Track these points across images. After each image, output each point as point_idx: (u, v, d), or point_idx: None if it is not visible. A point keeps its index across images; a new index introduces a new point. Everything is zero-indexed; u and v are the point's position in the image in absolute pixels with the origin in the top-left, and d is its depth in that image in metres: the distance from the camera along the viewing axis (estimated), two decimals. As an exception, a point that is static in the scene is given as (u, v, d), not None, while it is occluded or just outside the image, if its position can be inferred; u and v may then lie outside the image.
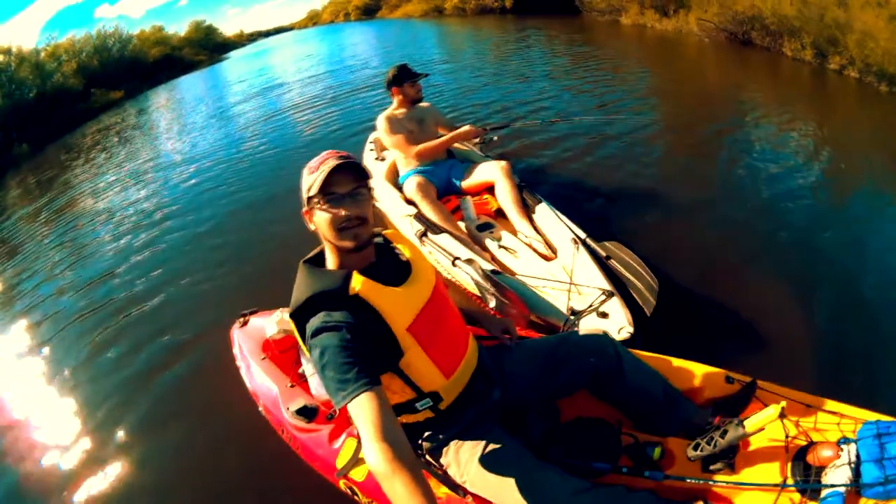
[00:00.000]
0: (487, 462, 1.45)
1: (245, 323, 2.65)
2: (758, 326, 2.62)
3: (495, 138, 3.60)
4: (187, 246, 4.97)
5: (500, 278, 2.57)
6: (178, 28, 31.04)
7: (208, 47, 29.73)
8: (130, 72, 23.43)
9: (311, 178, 1.33)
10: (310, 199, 1.34)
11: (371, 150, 4.41)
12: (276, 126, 8.77)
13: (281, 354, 2.41)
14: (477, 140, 3.61)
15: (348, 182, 1.33)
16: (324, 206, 1.31)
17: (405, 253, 1.51)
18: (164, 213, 6.04)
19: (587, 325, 2.20)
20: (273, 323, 2.38)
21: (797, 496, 1.43)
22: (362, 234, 1.35)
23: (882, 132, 5.47)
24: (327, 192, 1.31)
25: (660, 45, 11.10)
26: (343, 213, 1.30)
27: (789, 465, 1.50)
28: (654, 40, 11.54)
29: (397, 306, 1.34)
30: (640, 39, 11.88)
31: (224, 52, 30.28)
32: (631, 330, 2.13)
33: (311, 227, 1.39)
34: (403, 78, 3.49)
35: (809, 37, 7.85)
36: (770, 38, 8.98)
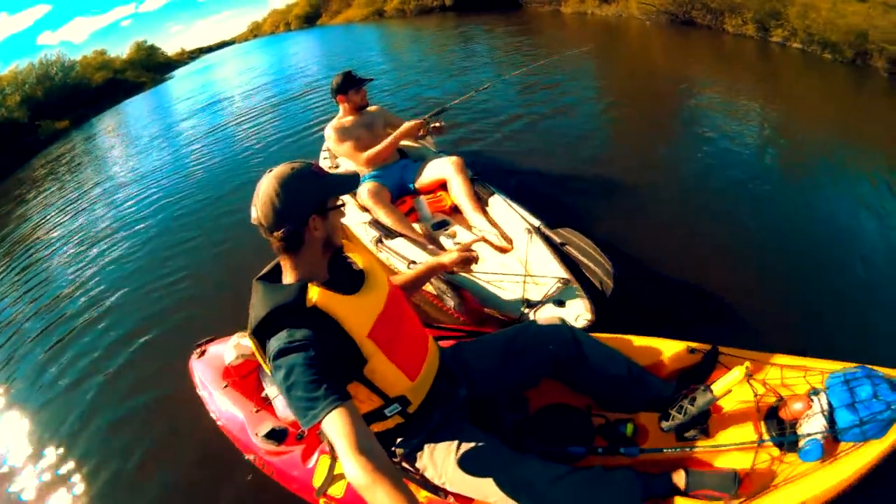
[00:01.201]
0: (464, 460, 1.45)
1: (202, 353, 2.57)
2: (713, 295, 2.66)
3: (439, 124, 3.55)
4: (137, 275, 4.74)
5: (454, 278, 2.55)
6: (121, 50, 30.21)
7: (151, 68, 29.12)
8: (75, 99, 22.80)
9: (327, 183, 1.35)
10: (327, 203, 1.35)
11: (325, 158, 4.34)
12: (222, 144, 8.53)
13: (242, 380, 2.35)
14: (424, 132, 3.57)
15: None
16: (340, 210, 1.38)
17: (358, 261, 1.50)
18: (112, 243, 5.76)
19: (545, 315, 2.18)
20: (231, 349, 2.29)
21: (776, 450, 1.46)
22: None
23: (828, 99, 5.65)
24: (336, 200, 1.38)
25: (602, 30, 11.24)
26: (341, 205, 1.39)
27: (763, 422, 1.53)
28: (596, 26, 11.70)
29: (355, 314, 1.32)
30: (582, 26, 12.03)
31: (167, 71, 29.72)
32: (589, 317, 2.12)
33: (315, 233, 1.32)
34: (348, 86, 3.42)
35: (751, 12, 8.06)
36: (711, 16, 9.18)
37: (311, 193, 1.31)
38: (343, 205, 1.38)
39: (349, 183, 1.43)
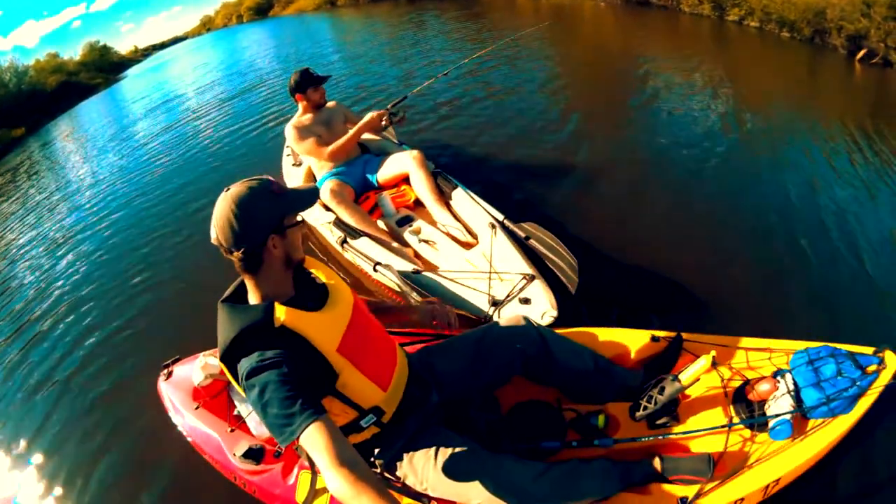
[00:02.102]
0: (444, 465, 1.44)
1: (169, 374, 2.50)
2: (674, 281, 2.68)
3: (400, 114, 3.51)
4: (96, 290, 4.54)
5: (419, 279, 2.54)
6: (74, 52, 29.22)
7: (105, 68, 28.19)
8: (30, 105, 22.03)
9: (284, 201, 1.32)
10: (284, 221, 1.32)
11: (288, 155, 4.28)
12: (180, 143, 8.24)
13: (213, 400, 2.30)
14: (387, 123, 3.53)
15: None
16: (299, 227, 1.37)
17: (320, 277, 1.48)
18: (71, 255, 5.50)
19: (510, 313, 2.18)
20: (198, 369, 2.25)
21: (747, 432, 1.50)
22: None
23: (787, 77, 5.72)
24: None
25: (556, 13, 11.15)
26: (300, 220, 1.37)
27: (731, 405, 1.57)
28: (550, 9, 11.63)
29: (323, 330, 1.31)
30: (536, 10, 11.96)
31: (121, 70, 28.80)
32: (554, 313, 2.12)
33: (274, 252, 1.30)
34: (306, 84, 3.37)
35: (707, -10, 8.10)
36: (667, -5, 9.22)
37: (267, 213, 1.28)
38: (302, 221, 1.37)
39: (307, 199, 1.39)
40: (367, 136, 3.63)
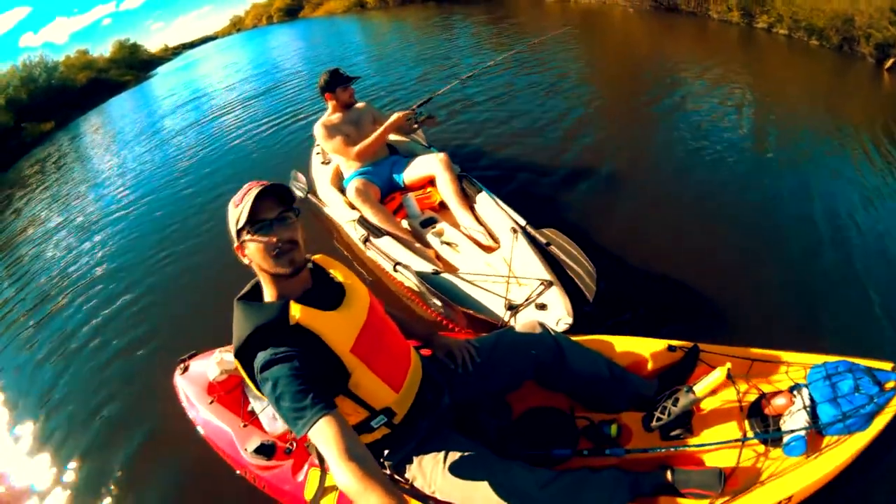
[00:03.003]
0: (452, 468, 1.45)
1: (186, 369, 2.55)
2: (693, 291, 2.66)
3: (426, 115, 3.55)
4: (118, 282, 4.64)
5: (438, 280, 2.55)
6: (103, 49, 29.80)
7: (134, 66, 28.71)
8: (59, 100, 22.47)
9: (238, 211, 1.29)
10: (239, 231, 1.30)
11: (317, 153, 4.34)
12: (207, 142, 8.35)
13: (228, 395, 2.34)
14: (413, 124, 3.56)
15: (274, 207, 1.30)
16: (255, 236, 1.28)
17: (337, 276, 1.48)
18: (94, 247, 5.67)
19: (526, 318, 2.16)
20: (214, 365, 2.29)
21: (760, 447, 1.48)
22: (297, 258, 1.32)
23: (815, 85, 5.64)
24: (255, 220, 1.28)
25: (584, 17, 11.15)
26: (274, 239, 1.28)
27: (746, 419, 1.55)
28: (579, 13, 11.61)
29: (337, 330, 1.32)
30: (565, 13, 11.92)
31: (150, 69, 29.29)
32: (570, 321, 2.12)
33: (245, 260, 1.34)
34: (336, 84, 3.43)
35: (735, -2, 8.03)
36: (695, 2, 9.16)
37: (230, 224, 1.33)
38: (262, 229, 1.28)
39: (243, 212, 1.27)
40: (395, 137, 3.68)
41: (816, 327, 2.36)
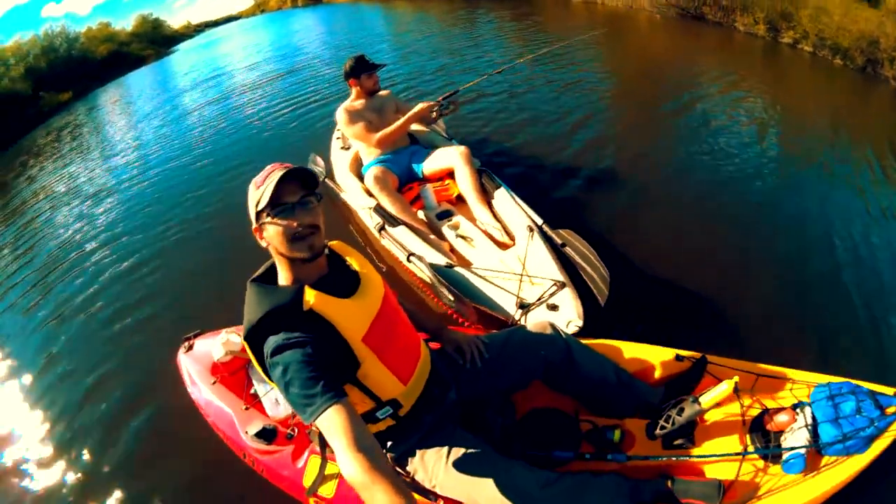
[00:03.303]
0: (455, 464, 1.46)
1: (190, 347, 2.54)
2: (704, 302, 2.68)
3: (451, 106, 3.55)
4: (127, 254, 4.67)
5: (450, 273, 2.56)
6: (125, 23, 29.79)
7: (156, 41, 28.70)
8: (79, 71, 22.52)
9: (259, 192, 1.28)
10: (259, 213, 1.29)
11: (337, 138, 4.35)
12: (227, 125, 8.25)
13: (231, 377, 2.34)
14: (436, 115, 3.57)
15: (296, 191, 1.29)
16: (275, 219, 1.27)
17: (353, 264, 1.48)
18: (107, 216, 5.74)
19: (536, 318, 2.18)
20: (219, 345, 2.29)
21: (760, 462, 1.50)
22: (316, 243, 1.31)
23: (838, 105, 5.62)
24: (277, 203, 1.26)
25: (610, 20, 11.09)
26: (295, 223, 1.27)
27: (748, 434, 1.57)
28: (605, 15, 11.55)
29: (351, 318, 1.32)
30: (591, 15, 11.85)
31: (172, 45, 29.26)
32: (580, 323, 2.13)
33: (263, 243, 1.34)
34: (360, 70, 3.44)
35: (762, 11, 8.02)
36: (722, 13, 9.12)
37: (250, 204, 1.32)
38: (282, 212, 1.27)
39: (265, 194, 1.27)
40: (416, 127, 3.68)
41: (823, 347, 2.38)
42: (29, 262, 5.36)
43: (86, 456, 2.67)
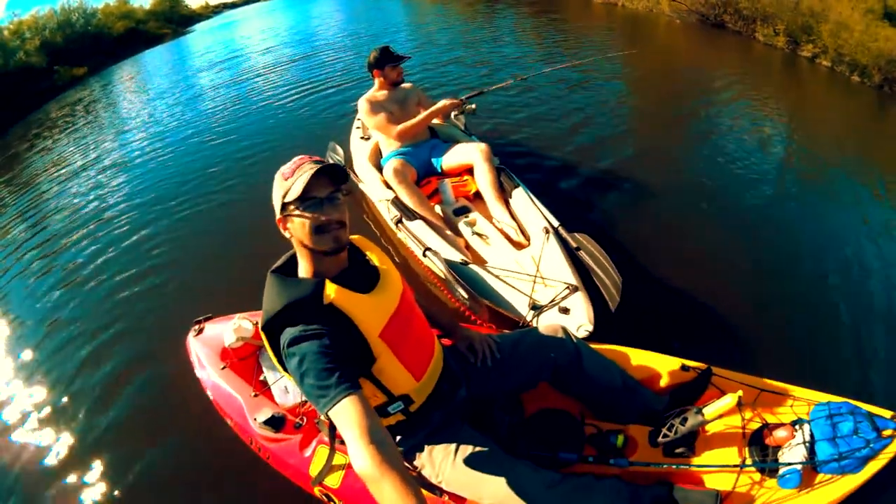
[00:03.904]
0: (461, 461, 1.49)
1: (200, 331, 2.55)
2: (713, 314, 2.72)
3: (473, 106, 3.58)
4: (138, 235, 4.64)
5: (465, 270, 2.59)
6: (143, 1, 29.67)
7: (173, 20, 28.59)
8: (95, 47, 22.46)
9: (288, 184, 1.30)
10: (286, 204, 1.31)
11: (357, 128, 4.38)
12: (244, 107, 8.23)
13: (241, 363, 2.35)
14: (458, 113, 3.58)
15: (326, 186, 1.31)
16: (303, 212, 1.29)
17: (373, 259, 1.50)
18: (118, 196, 5.69)
19: (547, 320, 2.23)
20: (230, 331, 2.31)
21: (757, 475, 1.53)
22: (342, 237, 1.33)
23: (852, 122, 5.63)
24: (306, 197, 1.28)
25: (630, 23, 11.08)
26: (323, 217, 1.29)
27: (747, 447, 1.60)
28: (625, 19, 11.51)
29: (369, 313, 1.34)
30: (611, 18, 11.80)
31: (189, 24, 29.11)
32: (590, 328, 2.16)
33: (287, 234, 1.35)
34: (385, 61, 3.45)
35: (783, 23, 8.03)
36: (743, 22, 9.11)
37: (275, 195, 1.34)
38: (310, 206, 1.29)
39: (293, 191, 1.29)
40: (436, 121, 3.69)
41: (826, 366, 2.43)
42: (39, 231, 5.41)
43: (85, 432, 2.71)
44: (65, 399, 2.97)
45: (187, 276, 3.91)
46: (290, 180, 1.30)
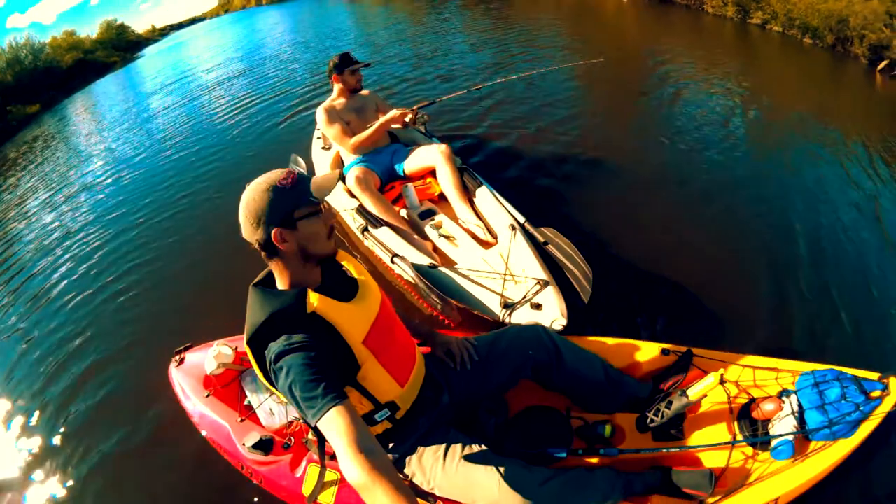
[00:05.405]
0: (452, 465, 1.48)
1: (181, 361, 2.51)
2: (687, 296, 2.70)
3: (426, 116, 3.53)
4: (106, 271, 4.51)
5: (434, 274, 2.55)
6: (91, 30, 29.28)
7: (121, 47, 28.23)
8: (45, 82, 22.07)
9: (294, 194, 1.28)
10: (289, 213, 1.27)
11: (318, 138, 4.31)
12: (196, 124, 8.16)
13: (224, 389, 2.31)
14: (410, 120, 3.54)
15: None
16: (315, 219, 1.31)
17: (350, 270, 1.50)
18: (82, 232, 5.50)
19: (521, 318, 2.21)
20: (211, 358, 2.26)
21: (749, 450, 1.53)
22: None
23: (808, 84, 5.69)
24: (316, 204, 1.32)
25: (578, 9, 11.10)
26: (329, 222, 1.35)
27: (736, 422, 1.60)
28: (572, 5, 11.56)
29: (352, 321, 1.33)
30: (559, 4, 11.85)
31: (138, 49, 28.76)
32: (564, 322, 2.12)
33: (282, 245, 1.28)
34: (344, 65, 3.42)
35: (731, -8, 8.09)
36: (691, -6, 9.19)
37: (272, 207, 1.26)
38: (319, 212, 1.32)
39: (324, 187, 1.34)
40: (397, 126, 3.65)
41: (806, 336, 2.41)
42: (8, 268, 5.29)
43: (74, 471, 2.63)
44: (55, 440, 2.88)
45: (164, 306, 3.79)
46: (295, 190, 1.28)
